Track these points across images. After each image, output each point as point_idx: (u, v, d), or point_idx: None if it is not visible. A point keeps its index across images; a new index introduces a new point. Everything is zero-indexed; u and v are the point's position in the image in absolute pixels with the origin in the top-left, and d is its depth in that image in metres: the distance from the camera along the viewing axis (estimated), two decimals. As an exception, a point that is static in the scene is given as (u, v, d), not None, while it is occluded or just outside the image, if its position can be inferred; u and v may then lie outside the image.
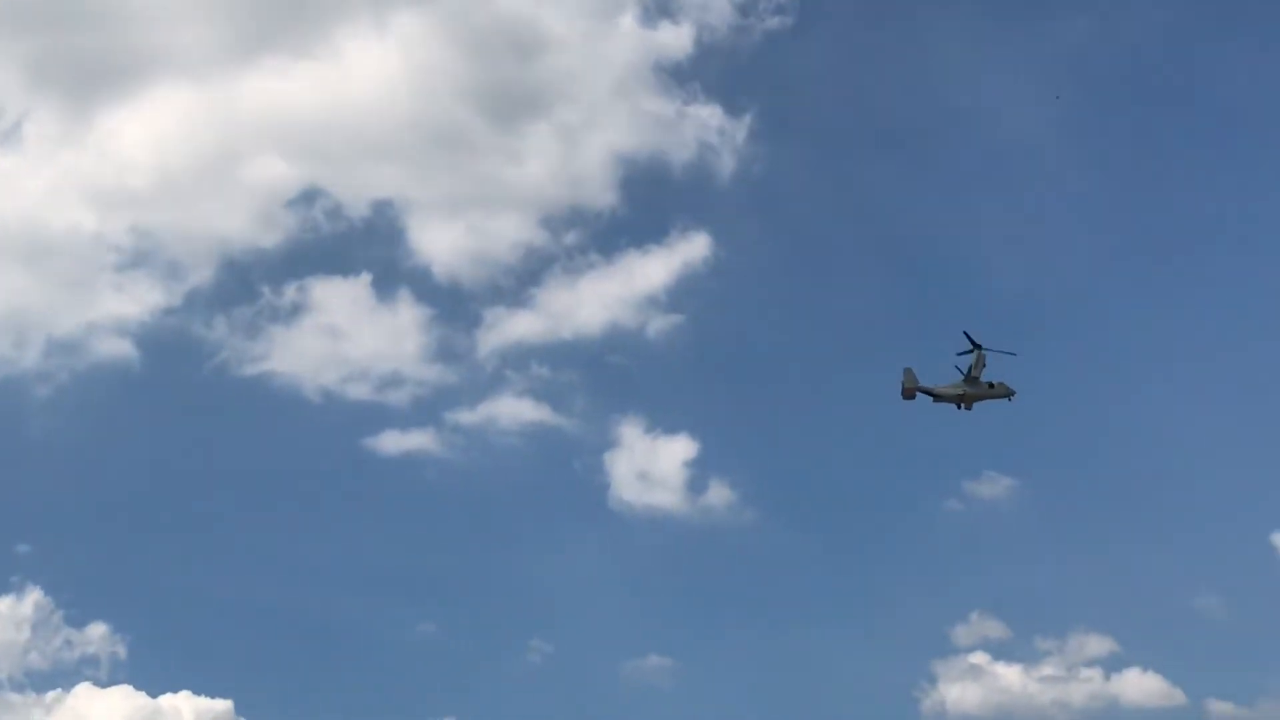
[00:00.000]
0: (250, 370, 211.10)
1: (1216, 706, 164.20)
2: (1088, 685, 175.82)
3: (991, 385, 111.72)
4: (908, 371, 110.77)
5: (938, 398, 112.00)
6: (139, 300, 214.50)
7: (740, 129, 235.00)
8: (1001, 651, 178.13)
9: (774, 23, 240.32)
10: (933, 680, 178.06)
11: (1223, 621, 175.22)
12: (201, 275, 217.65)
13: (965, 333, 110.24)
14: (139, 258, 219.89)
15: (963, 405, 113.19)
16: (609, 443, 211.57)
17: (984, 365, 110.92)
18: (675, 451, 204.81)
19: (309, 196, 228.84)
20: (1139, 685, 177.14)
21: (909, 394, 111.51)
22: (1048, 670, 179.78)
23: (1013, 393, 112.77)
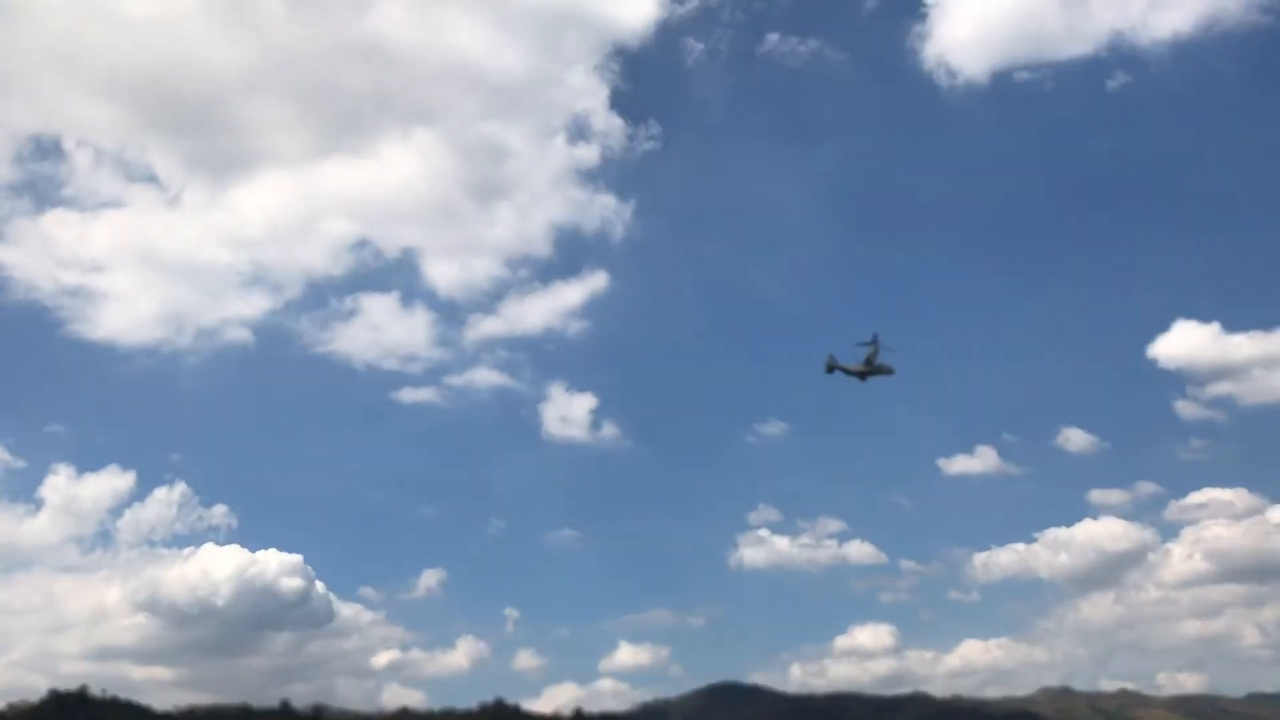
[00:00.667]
0: (322, 350, 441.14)
1: (905, 564, 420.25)
2: (828, 550, 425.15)
3: (880, 366, 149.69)
4: (830, 356, 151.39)
5: (847, 371, 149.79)
6: (254, 305, 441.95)
7: (627, 210, 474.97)
8: (777, 529, 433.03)
9: (649, 145, 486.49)
10: (735, 546, 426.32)
11: (910, 511, 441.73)
12: (293, 291, 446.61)
13: (875, 334, 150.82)
14: (254, 279, 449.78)
15: (862, 379, 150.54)
16: (542, 397, 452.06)
17: (878, 353, 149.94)
18: (583, 403, 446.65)
19: (361, 244, 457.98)
20: (859, 550, 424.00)
21: (830, 369, 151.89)
22: (804, 541, 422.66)
23: (893, 371, 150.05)
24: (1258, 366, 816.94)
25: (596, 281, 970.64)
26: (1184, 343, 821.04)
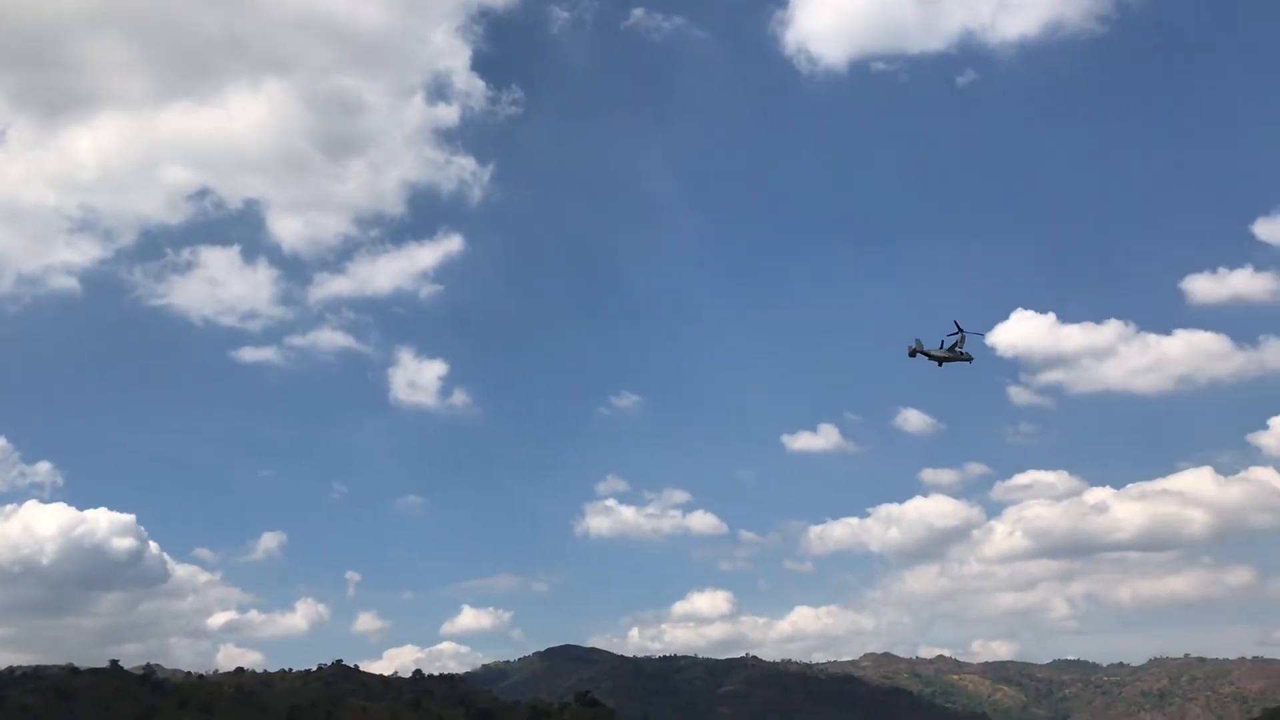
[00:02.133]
0: (156, 303, 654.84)
1: (745, 534, 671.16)
2: (673, 520, 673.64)
3: (961, 354, 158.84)
4: (917, 340, 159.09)
5: (929, 355, 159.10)
6: (83, 253, 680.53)
7: (486, 174, 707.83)
8: (624, 498, 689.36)
9: (512, 110, 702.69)
10: (582, 515, 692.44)
11: (753, 484, 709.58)
12: (126, 239, 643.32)
13: (955, 322, 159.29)
14: (84, 225, 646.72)
15: (939, 364, 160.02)
16: (391, 362, 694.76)
17: (964, 340, 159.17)
18: (434, 369, 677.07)
19: (202, 194, 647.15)
20: (703, 520, 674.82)
21: (913, 353, 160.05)
22: (650, 510, 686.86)
23: (971, 358, 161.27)
24: (1087, 356, 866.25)
25: (451, 245, 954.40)
26: (1020, 331, 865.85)
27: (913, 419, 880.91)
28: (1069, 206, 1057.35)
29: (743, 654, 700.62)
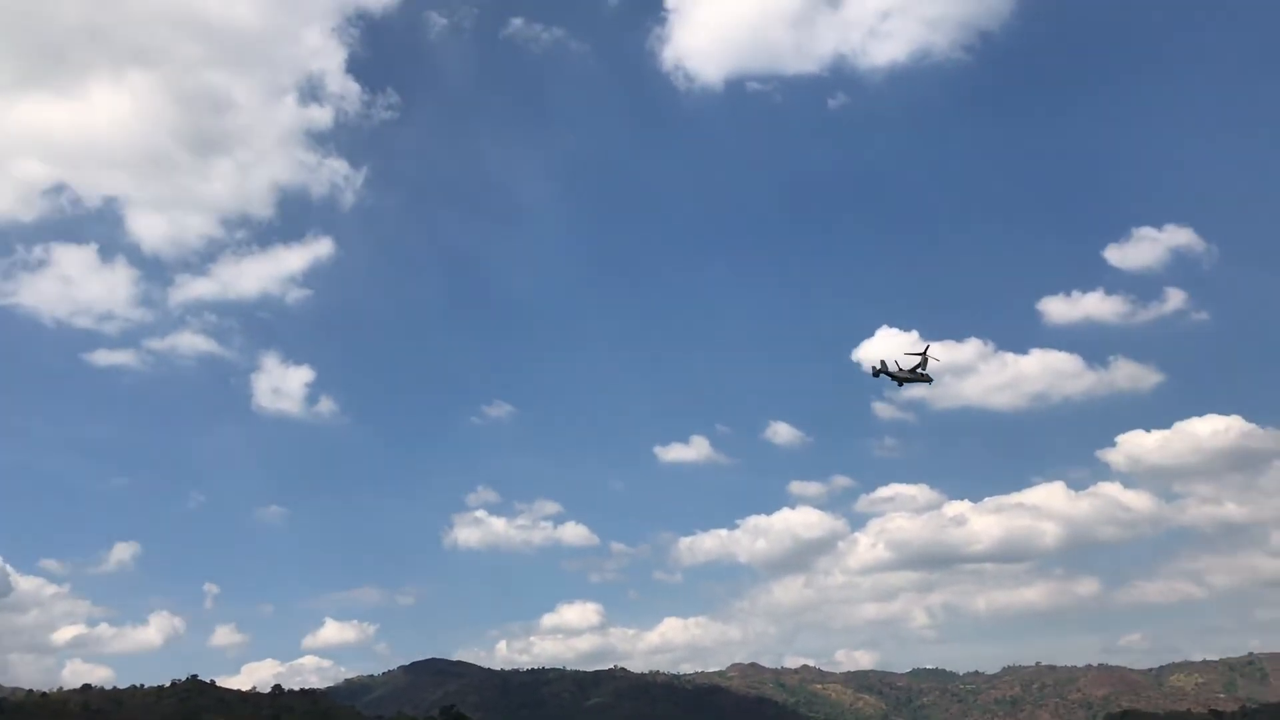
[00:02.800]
0: (3, 301, 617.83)
1: (616, 546, 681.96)
2: (544, 531, 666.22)
3: (921, 375, 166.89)
4: (881, 361, 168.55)
5: (890, 375, 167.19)
6: None
7: (359, 178, 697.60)
8: (495, 509, 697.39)
9: (387, 114, 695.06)
10: (451, 526, 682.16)
11: (624, 496, 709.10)
12: None
13: (927, 345, 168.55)
14: None
15: (900, 384, 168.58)
16: (255, 367, 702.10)
17: (925, 363, 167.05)
18: (299, 376, 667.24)
19: (58, 190, 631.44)
20: (574, 532, 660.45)
21: (876, 373, 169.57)
22: (521, 522, 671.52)
23: (931, 380, 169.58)
24: (948, 374, 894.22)
25: (321, 249, 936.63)
26: (885, 348, 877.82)
27: (782, 432, 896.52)
28: (932, 228, 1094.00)
29: (611, 666, 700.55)
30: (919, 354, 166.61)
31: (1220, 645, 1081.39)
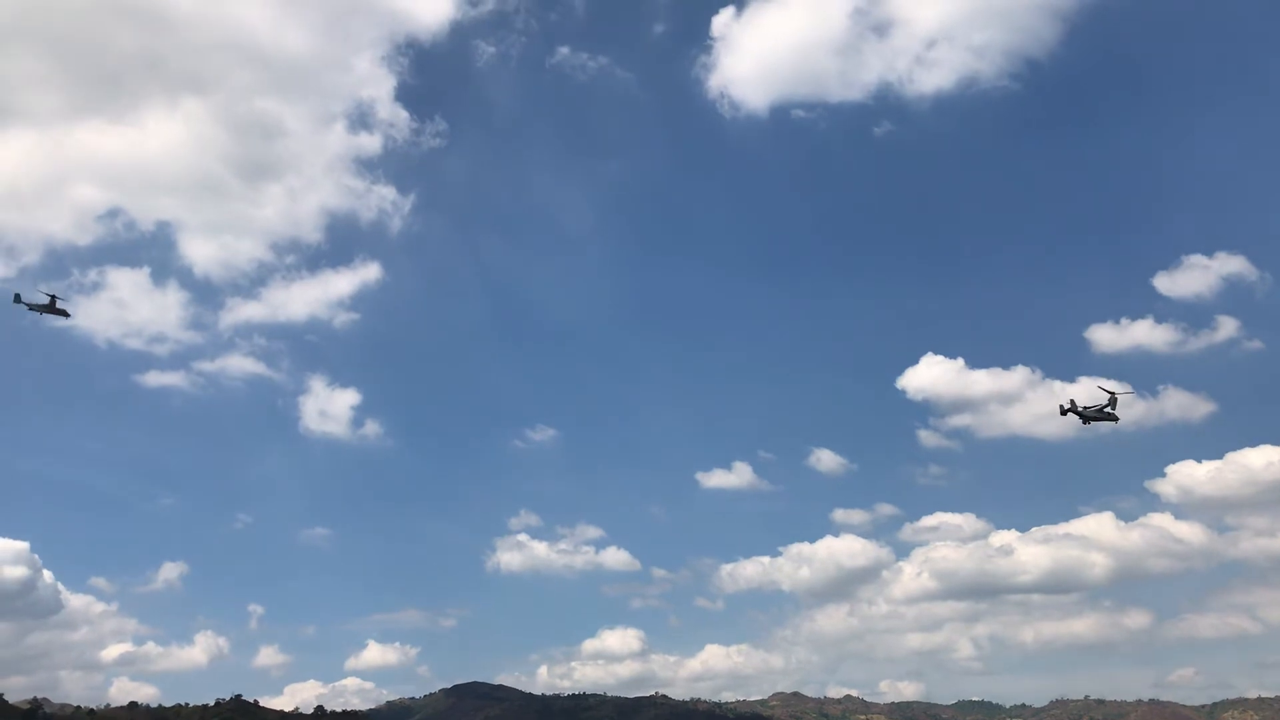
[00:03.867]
0: (59, 324, 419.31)
1: (657, 572, 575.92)
2: (586, 556, 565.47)
3: (1109, 414, 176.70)
4: (1071, 401, 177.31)
5: (1080, 414, 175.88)
6: None
7: (406, 204, 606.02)
8: (537, 533, 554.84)
9: (435, 142, 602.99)
10: (493, 550, 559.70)
11: (666, 521, 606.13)
12: (30, 257, 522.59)
13: (1109, 390, 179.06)
14: None
15: (1085, 421, 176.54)
16: (302, 390, 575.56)
17: (1116, 402, 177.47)
18: (346, 399, 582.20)
19: (113, 214, 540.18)
20: (616, 557, 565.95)
21: (1064, 411, 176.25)
22: (563, 546, 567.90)
23: (1117, 419, 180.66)
24: (994, 401, 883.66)
25: (368, 273, 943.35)
26: (930, 375, 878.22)
27: (825, 459, 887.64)
28: (979, 255, 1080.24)
29: (652, 692, 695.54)
30: (1110, 392, 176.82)
31: (1275, 681, 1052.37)
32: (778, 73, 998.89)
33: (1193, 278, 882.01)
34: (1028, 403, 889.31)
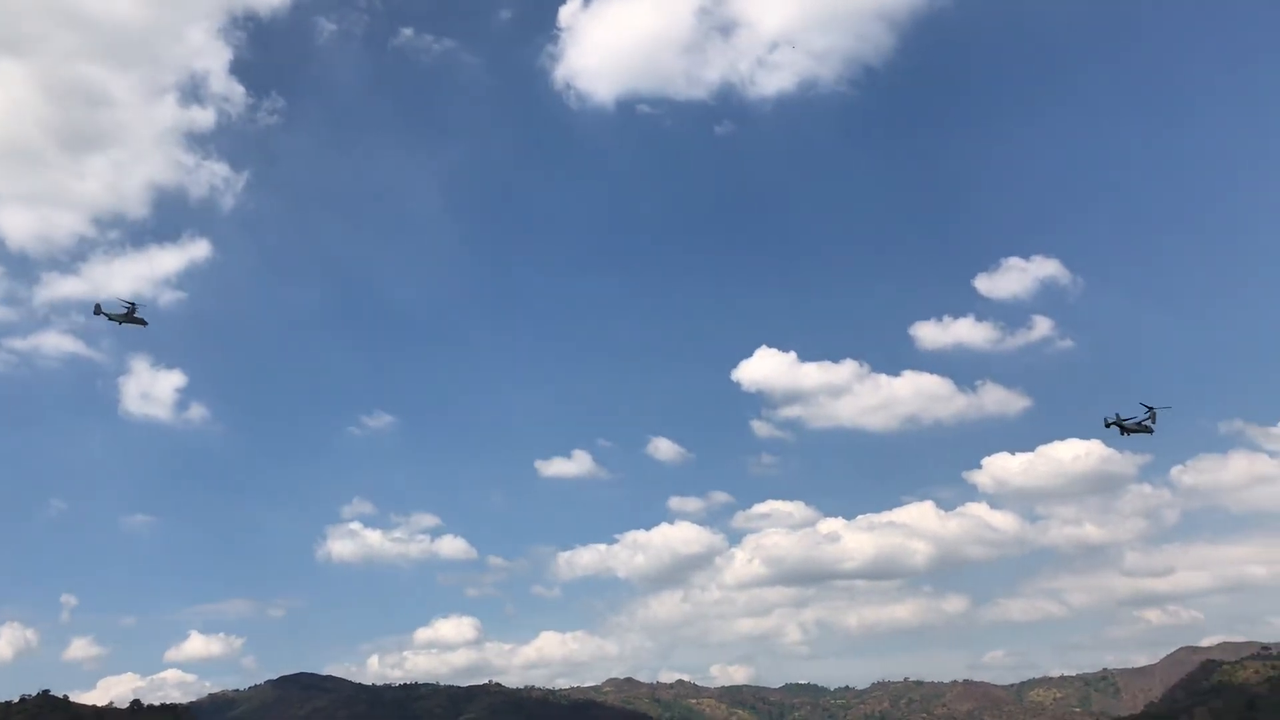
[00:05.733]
0: None
1: (494, 560, 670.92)
2: (421, 544, 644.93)
3: (1146, 426, 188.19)
4: (1116, 415, 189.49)
5: (1120, 426, 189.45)
6: None
7: (240, 181, 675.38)
8: (370, 521, 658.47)
9: (272, 119, 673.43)
10: (325, 538, 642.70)
11: (502, 508, 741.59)
12: None
13: (1147, 405, 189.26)
14: None
15: (1123, 432, 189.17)
16: (123, 370, 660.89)
17: (1154, 417, 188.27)
18: (170, 381, 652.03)
19: None
20: (452, 546, 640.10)
21: (1109, 424, 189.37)
22: (398, 534, 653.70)
23: (1152, 430, 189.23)
24: (823, 394, 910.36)
25: (198, 251, 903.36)
26: (764, 368, 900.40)
27: (663, 447, 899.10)
28: (812, 253, 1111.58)
29: (486, 681, 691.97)
30: (1150, 407, 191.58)
31: (1077, 661, 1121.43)
32: (624, 68, 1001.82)
33: (1011, 279, 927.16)
34: (856, 395, 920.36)
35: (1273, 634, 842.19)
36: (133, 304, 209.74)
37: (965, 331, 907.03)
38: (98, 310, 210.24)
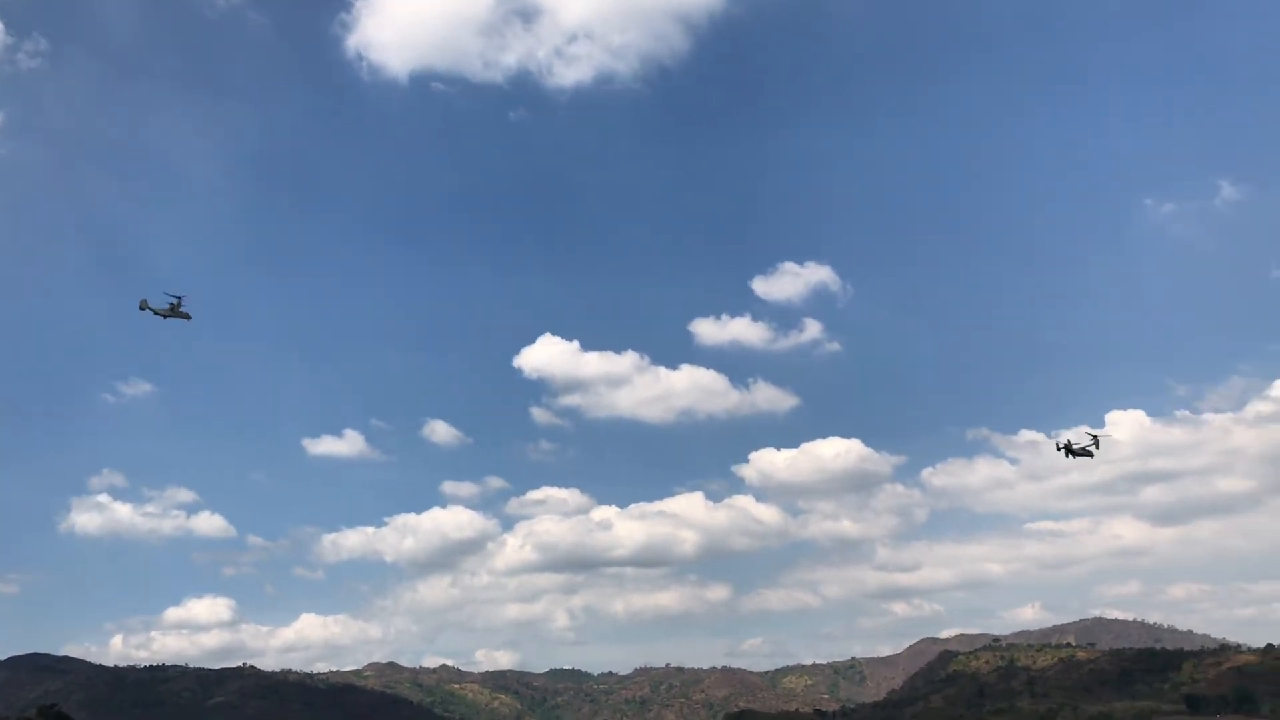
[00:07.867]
0: None
1: (254, 539, 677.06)
2: (175, 520, 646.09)
3: (1089, 451, 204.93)
4: (1069, 440, 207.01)
5: (1070, 450, 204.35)
6: None
7: None
8: (121, 494, 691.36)
9: (34, 62, 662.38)
10: (69, 510, 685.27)
11: (265, 486, 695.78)
12: None
13: (1093, 433, 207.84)
14: None
15: (1070, 455, 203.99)
16: None
17: (1097, 443, 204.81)
18: None
19: None
20: (209, 523, 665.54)
21: (1058, 449, 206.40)
22: (150, 509, 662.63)
23: (1092, 454, 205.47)
24: (603, 383, 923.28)
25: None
26: (546, 355, 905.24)
27: (440, 430, 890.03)
28: (599, 244, 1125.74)
29: (240, 663, 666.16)
30: (1094, 435, 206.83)
31: (828, 650, 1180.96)
32: (419, 43, 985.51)
33: (785, 283, 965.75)
34: (635, 386, 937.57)
35: (1003, 626, 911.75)
36: (179, 297, 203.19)
37: (741, 330, 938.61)
38: (143, 306, 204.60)
